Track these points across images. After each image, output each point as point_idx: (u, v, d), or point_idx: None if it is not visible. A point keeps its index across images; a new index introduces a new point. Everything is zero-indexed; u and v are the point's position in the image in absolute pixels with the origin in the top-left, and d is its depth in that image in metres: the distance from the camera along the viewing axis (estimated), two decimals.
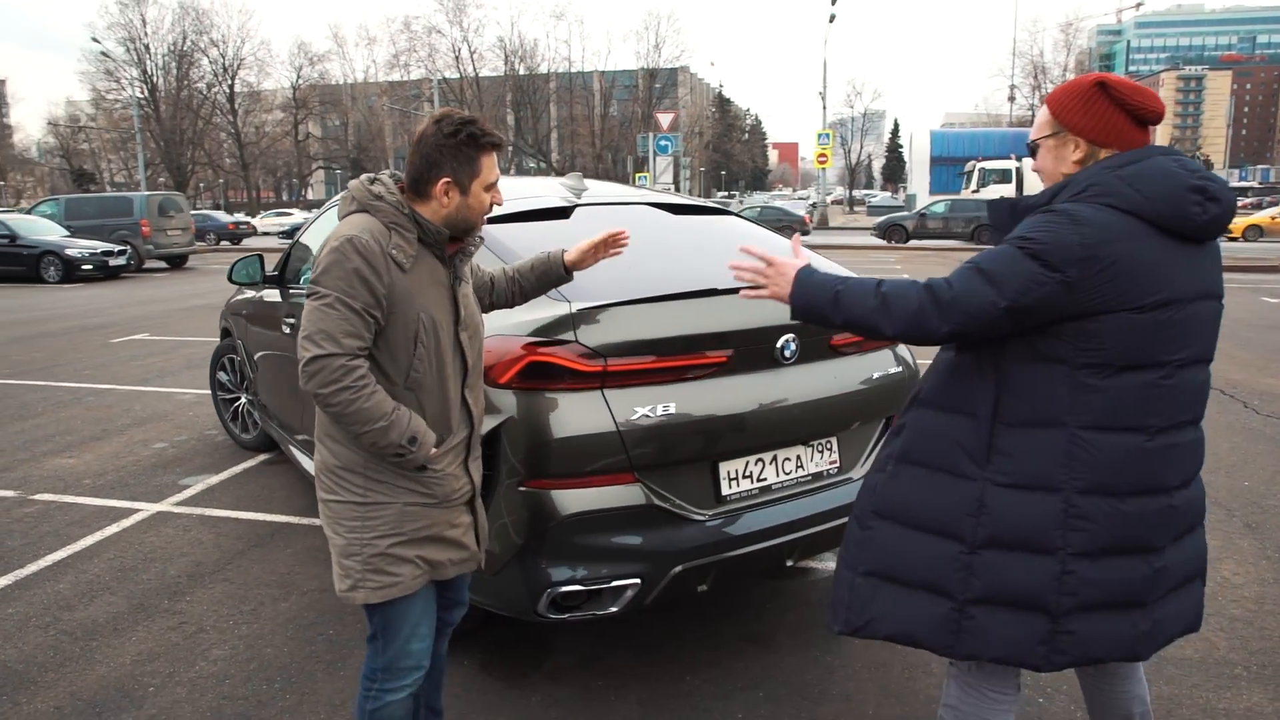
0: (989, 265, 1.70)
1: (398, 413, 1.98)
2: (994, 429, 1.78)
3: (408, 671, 2.19)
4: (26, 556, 4.25)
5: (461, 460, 2.20)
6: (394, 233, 2.00)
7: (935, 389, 1.92)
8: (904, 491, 1.91)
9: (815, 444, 3.07)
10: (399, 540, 2.07)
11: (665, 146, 29.95)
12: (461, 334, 2.15)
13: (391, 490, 2.07)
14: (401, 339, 2.01)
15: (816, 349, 3.02)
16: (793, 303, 1.89)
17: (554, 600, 2.69)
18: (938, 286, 1.73)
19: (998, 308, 1.67)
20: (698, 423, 2.74)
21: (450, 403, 2.13)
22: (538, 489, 2.64)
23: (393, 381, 2.03)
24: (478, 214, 2.08)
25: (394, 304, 1.98)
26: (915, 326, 1.74)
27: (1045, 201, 1.77)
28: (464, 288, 2.19)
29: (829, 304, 1.84)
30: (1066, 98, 1.83)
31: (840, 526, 3.08)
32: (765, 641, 3.33)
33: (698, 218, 3.79)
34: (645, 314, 2.73)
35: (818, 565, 3.98)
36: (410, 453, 2.00)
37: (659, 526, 2.73)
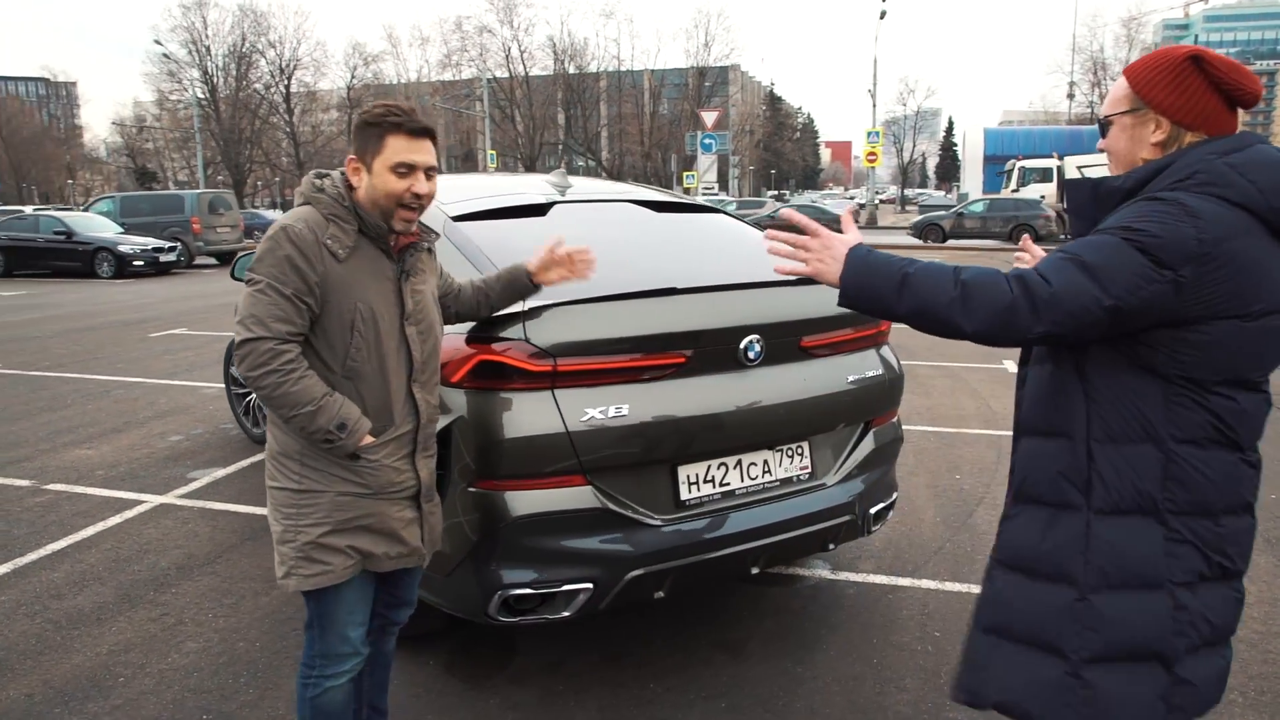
0: (1091, 257, 1.48)
1: (328, 399, 1.99)
2: (1090, 449, 1.60)
3: (345, 658, 2.20)
4: (29, 544, 4.35)
5: (406, 454, 2.19)
6: (332, 223, 2.04)
7: (1030, 412, 1.72)
8: (1018, 533, 1.71)
9: (784, 449, 2.98)
10: (330, 529, 2.08)
11: (709, 145, 29.78)
12: (409, 328, 2.15)
13: (326, 479, 2.08)
14: (337, 327, 2.04)
15: (784, 350, 2.94)
16: (843, 284, 1.61)
17: (505, 602, 2.65)
18: (1032, 280, 1.49)
19: (1101, 306, 1.46)
20: (653, 425, 2.68)
21: (393, 395, 2.13)
22: (488, 490, 2.60)
23: (331, 369, 2.06)
24: (385, 195, 2.04)
25: (328, 292, 2.02)
26: (1003, 325, 1.50)
27: (1134, 185, 1.58)
28: (415, 283, 2.19)
29: (892, 289, 1.56)
30: (1152, 71, 1.60)
31: (812, 534, 3.01)
32: (736, 649, 3.25)
33: (682, 216, 3.72)
34: (599, 313, 2.67)
35: (805, 572, 3.88)
36: (339, 439, 2.01)
37: (612, 530, 2.67)
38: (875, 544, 4.20)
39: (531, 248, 3.12)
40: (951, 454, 5.65)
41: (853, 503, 3.11)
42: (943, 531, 4.35)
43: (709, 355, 2.78)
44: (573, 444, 2.57)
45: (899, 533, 4.34)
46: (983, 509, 4.65)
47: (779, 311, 2.92)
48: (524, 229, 3.27)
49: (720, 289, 2.85)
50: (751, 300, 2.89)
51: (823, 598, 3.66)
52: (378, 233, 2.08)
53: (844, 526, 3.10)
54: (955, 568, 3.92)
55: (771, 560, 2.99)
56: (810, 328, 2.99)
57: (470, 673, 3.13)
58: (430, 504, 2.28)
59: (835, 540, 3.13)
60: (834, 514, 3.05)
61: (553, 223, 3.32)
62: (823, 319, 3.02)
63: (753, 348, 2.82)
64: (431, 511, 2.29)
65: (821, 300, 3.10)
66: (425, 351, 2.20)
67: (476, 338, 2.63)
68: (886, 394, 3.24)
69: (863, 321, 3.18)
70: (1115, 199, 1.61)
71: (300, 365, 1.99)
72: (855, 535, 3.22)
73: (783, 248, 1.71)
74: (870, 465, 3.21)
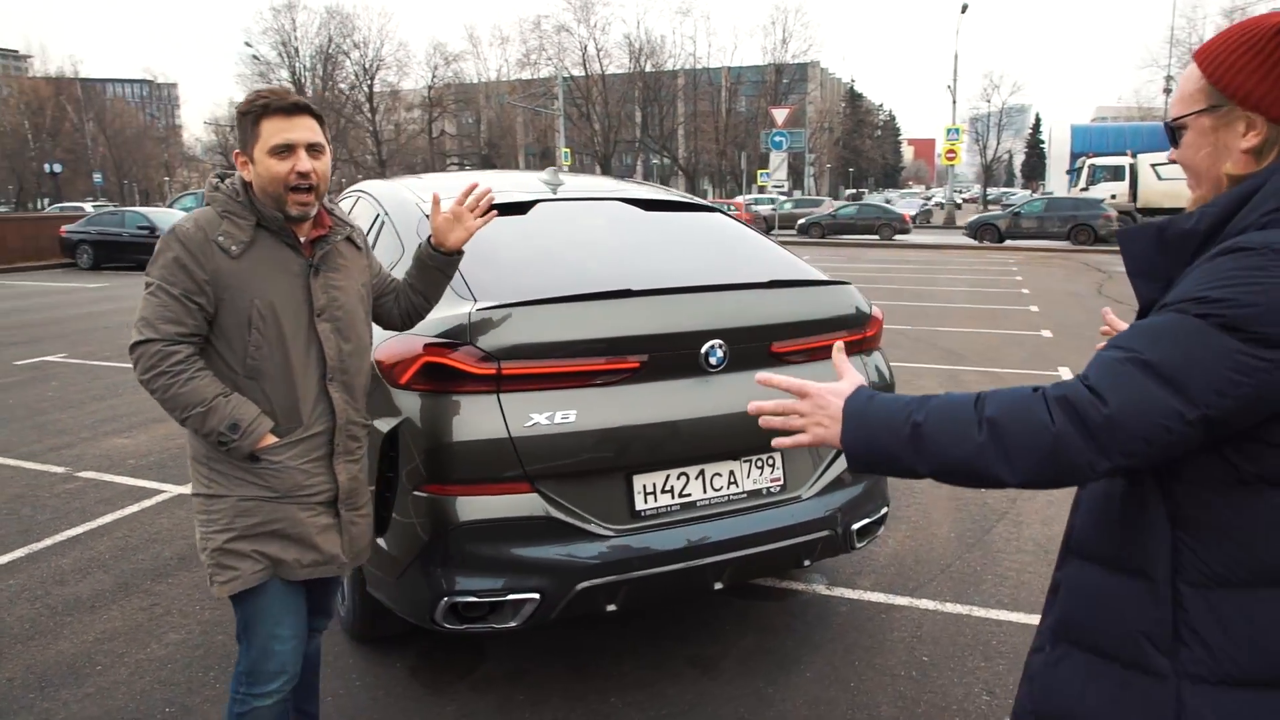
0: (1157, 353, 1.09)
1: (219, 400, 1.95)
2: (1177, 594, 1.18)
3: (273, 676, 2.13)
4: (47, 530, 4.49)
5: (319, 457, 2.11)
6: (225, 220, 2.00)
7: (1088, 531, 1.31)
8: (1068, 688, 1.30)
9: (753, 459, 2.85)
10: (236, 534, 2.03)
11: (779, 142, 29.41)
12: (320, 325, 2.07)
13: (229, 482, 2.04)
14: (234, 326, 1.99)
15: (752, 356, 2.80)
16: (847, 449, 1.28)
17: (454, 609, 2.59)
18: (1078, 399, 1.10)
19: (1184, 421, 1.07)
20: (604, 433, 2.58)
21: (301, 395, 2.06)
22: (432, 494, 2.55)
23: (233, 369, 2.01)
24: (271, 180, 1.98)
25: (221, 290, 1.97)
26: (1056, 467, 1.12)
27: (1212, 226, 1.18)
28: (332, 278, 2.11)
29: (903, 446, 1.21)
30: (1235, 52, 1.18)
31: (784, 549, 2.88)
32: (709, 666, 3.13)
33: (672, 215, 3.60)
34: (549, 315, 2.58)
35: (799, 587, 3.73)
36: (233, 441, 1.96)
37: (561, 540, 2.59)
38: (879, 559, 4.02)
39: (507, 246, 3.09)
40: None
41: (831, 517, 2.95)
42: (954, 548, 4.14)
43: (667, 360, 2.67)
44: (516, 450, 2.50)
45: (907, 548, 4.14)
46: (1003, 525, 4.41)
47: (745, 315, 2.79)
48: (502, 228, 3.20)
49: (680, 291, 2.74)
50: (715, 303, 2.77)
51: (811, 614, 3.51)
52: (278, 225, 2.02)
53: (821, 542, 2.95)
54: (959, 588, 3.72)
55: (738, 576, 2.86)
56: (781, 332, 2.85)
57: (434, 678, 3.09)
58: (353, 510, 2.19)
59: (811, 556, 2.98)
60: (809, 529, 2.90)
61: (533, 221, 3.25)
62: (796, 324, 2.88)
63: (715, 353, 2.70)
64: (354, 520, 2.20)
65: (794, 304, 2.97)
66: (344, 351, 2.12)
67: (424, 339, 2.57)
68: None
69: (844, 327, 3.03)
70: (1190, 246, 1.19)
71: (191, 366, 1.95)
72: (836, 551, 3.06)
73: (772, 418, 1.38)
74: (852, 479, 3.05)
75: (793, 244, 28.24)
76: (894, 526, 4.40)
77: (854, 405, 1.28)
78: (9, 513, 4.75)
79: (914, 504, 4.72)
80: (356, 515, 2.21)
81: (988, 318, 11.66)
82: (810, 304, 3.01)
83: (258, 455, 2.01)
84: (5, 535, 4.43)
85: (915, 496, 4.83)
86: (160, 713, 2.90)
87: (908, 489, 4.95)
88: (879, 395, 1.28)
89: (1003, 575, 3.83)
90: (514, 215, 3.27)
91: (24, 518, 4.68)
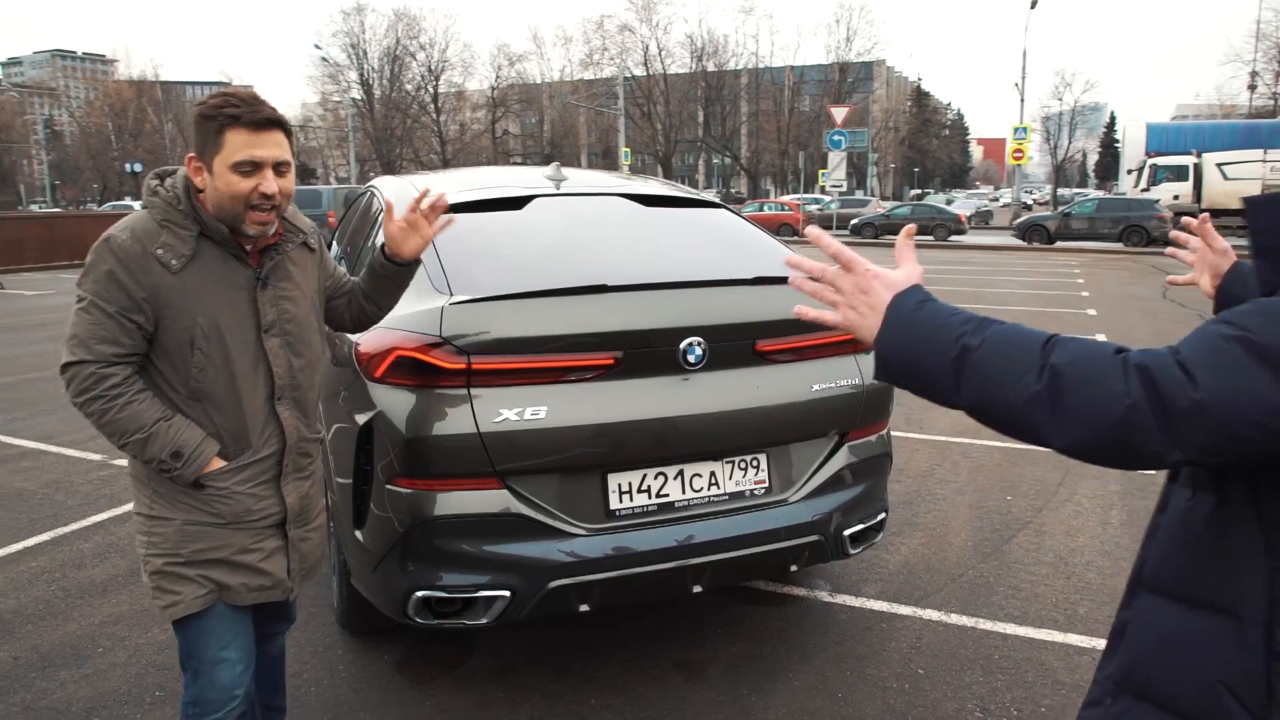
0: (1273, 337, 0.92)
1: (161, 425, 1.83)
2: (1272, 639, 1.00)
3: (219, 704, 1.99)
4: (75, 515, 4.63)
5: (268, 480, 1.98)
6: (165, 230, 1.84)
7: (1166, 561, 1.12)
8: None
9: (736, 461, 2.78)
10: (180, 560, 1.90)
11: (838, 142, 28.98)
12: (269, 341, 1.94)
13: (173, 506, 1.91)
14: (176, 345, 1.84)
15: (735, 355, 2.73)
16: (879, 350, 1.10)
17: (426, 604, 2.58)
18: (1164, 377, 0.94)
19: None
20: (575, 430, 2.54)
21: (248, 416, 1.92)
22: (402, 488, 2.54)
23: (176, 390, 1.88)
24: (230, 198, 1.81)
25: (162, 307, 1.82)
26: (1114, 446, 0.97)
27: None
28: (282, 290, 1.97)
29: (946, 369, 1.04)
30: None
31: (768, 553, 2.80)
32: (695, 671, 3.07)
33: (673, 211, 3.54)
34: (521, 310, 2.55)
35: (800, 592, 3.64)
36: (175, 468, 1.84)
37: (532, 538, 2.56)
38: (888, 566, 3.90)
39: (494, 241, 3.07)
40: (1011, 472, 5.21)
41: (820, 522, 2.86)
42: (969, 558, 4.00)
43: (643, 357, 2.61)
44: (485, 446, 2.47)
45: (919, 555, 4.01)
46: (1023, 535, 4.24)
47: (726, 313, 2.72)
48: (496, 223, 3.19)
49: (657, 287, 2.68)
50: (694, 300, 2.70)
51: (808, 621, 3.42)
52: (220, 236, 1.86)
53: (809, 548, 2.87)
54: (968, 599, 3.58)
55: (719, 579, 2.79)
56: (766, 330, 2.77)
57: (418, 672, 3.09)
58: (302, 529, 2.08)
59: (799, 562, 2.90)
60: (795, 533, 2.82)
61: (529, 216, 3.23)
62: (782, 321, 2.80)
63: (693, 351, 2.63)
64: (305, 537, 2.09)
65: (782, 301, 2.88)
66: (294, 367, 1.99)
67: (397, 332, 2.56)
68: (866, 405, 2.97)
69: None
70: None
71: (129, 389, 1.83)
72: (825, 558, 2.98)
73: (806, 282, 1.19)
74: (844, 482, 2.96)
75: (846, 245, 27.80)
76: (908, 533, 4.27)
77: (902, 304, 1.09)
78: (43, 498, 4.91)
79: (933, 510, 4.58)
80: (307, 532, 2.11)
81: (1040, 321, 11.29)
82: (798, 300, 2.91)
83: (202, 482, 1.88)
84: (36, 519, 4.58)
85: (935, 503, 4.68)
86: (150, 696, 2.95)
87: (929, 494, 4.81)
88: (933, 301, 1.09)
89: (1016, 587, 3.68)
90: (509, 210, 3.26)
91: (56, 503, 4.83)
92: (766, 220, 31.57)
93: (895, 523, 4.39)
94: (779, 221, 31.27)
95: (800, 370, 2.85)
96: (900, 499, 4.73)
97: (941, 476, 5.15)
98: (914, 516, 4.48)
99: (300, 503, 2.06)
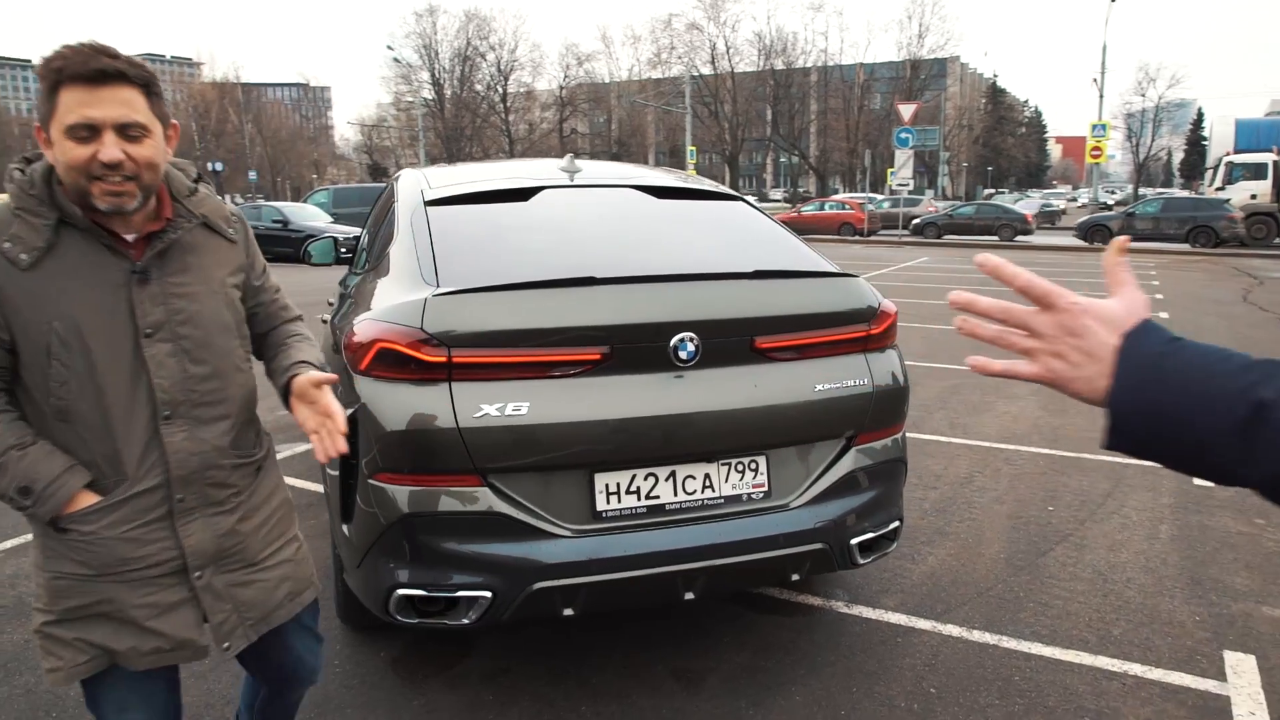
0: None
1: (11, 454, 1.54)
2: None
3: None
4: None
5: (156, 518, 1.63)
6: (17, 219, 1.54)
7: None
8: None
9: (732, 463, 2.65)
10: (54, 618, 1.63)
11: (905, 140, 28.32)
12: (151, 347, 1.59)
13: (46, 554, 1.63)
14: (34, 355, 1.55)
15: (731, 352, 2.61)
16: (1115, 414, 0.82)
17: (409, 602, 2.52)
18: None
19: None
20: (559, 427, 2.44)
21: (121, 440, 1.59)
22: (382, 483, 2.48)
23: (41, 410, 1.59)
24: (67, 169, 1.49)
25: (11, 312, 1.52)
26: None
27: None
28: (167, 285, 1.62)
29: (1230, 434, 0.76)
30: None
31: (767, 560, 2.67)
32: (693, 680, 2.95)
33: (686, 203, 3.43)
34: (504, 302, 2.47)
35: (815, 601, 3.49)
36: (26, 507, 1.55)
37: (514, 538, 2.47)
38: (911, 576, 3.71)
39: (491, 233, 3.01)
40: (1055, 481, 4.95)
41: (825, 529, 2.72)
42: (1000, 570, 3.79)
43: (632, 353, 2.51)
44: (464, 441, 2.40)
45: (946, 566, 3.82)
46: (1061, 549, 4.01)
47: (721, 308, 2.60)
48: (498, 215, 3.13)
49: (647, 280, 2.57)
50: (687, 293, 2.58)
51: (820, 632, 3.26)
52: (86, 224, 1.55)
53: (812, 556, 2.72)
54: (993, 615, 3.38)
55: (713, 587, 2.67)
56: (766, 327, 2.64)
57: (412, 670, 3.03)
58: (241, 571, 1.74)
59: (800, 571, 2.75)
60: (796, 541, 2.68)
61: (535, 208, 3.16)
62: (783, 317, 2.66)
63: (685, 347, 2.51)
64: (246, 581, 1.74)
65: (783, 296, 2.76)
66: (191, 376, 1.64)
67: (382, 324, 2.51)
68: (875, 407, 2.81)
69: (844, 322, 2.78)
70: None
71: None
72: (831, 567, 2.82)
73: (983, 327, 0.90)
74: (852, 488, 2.80)
75: (907, 244, 27.20)
76: (937, 542, 4.07)
77: (1140, 347, 0.82)
78: None
79: (967, 519, 4.37)
80: (250, 574, 1.75)
81: None
82: (802, 296, 2.77)
83: (62, 524, 1.58)
84: None
85: (970, 511, 4.47)
86: None
87: (965, 502, 4.59)
88: (1186, 341, 0.82)
89: (1047, 604, 3.47)
90: (515, 202, 3.19)
91: None
92: (826, 220, 31.05)
93: (925, 531, 4.19)
94: (839, 221, 30.71)
95: (803, 369, 2.71)
96: (933, 506, 4.53)
97: (980, 484, 4.91)
98: (945, 525, 4.28)
99: (220, 543, 1.70)
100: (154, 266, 1.61)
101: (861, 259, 21.02)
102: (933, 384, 7.43)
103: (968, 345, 9.33)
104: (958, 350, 9.10)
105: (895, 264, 19.80)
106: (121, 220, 1.57)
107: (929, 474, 5.07)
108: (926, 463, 5.27)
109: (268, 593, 1.80)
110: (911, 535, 4.12)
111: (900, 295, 13.69)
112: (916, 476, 5.00)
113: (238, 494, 1.75)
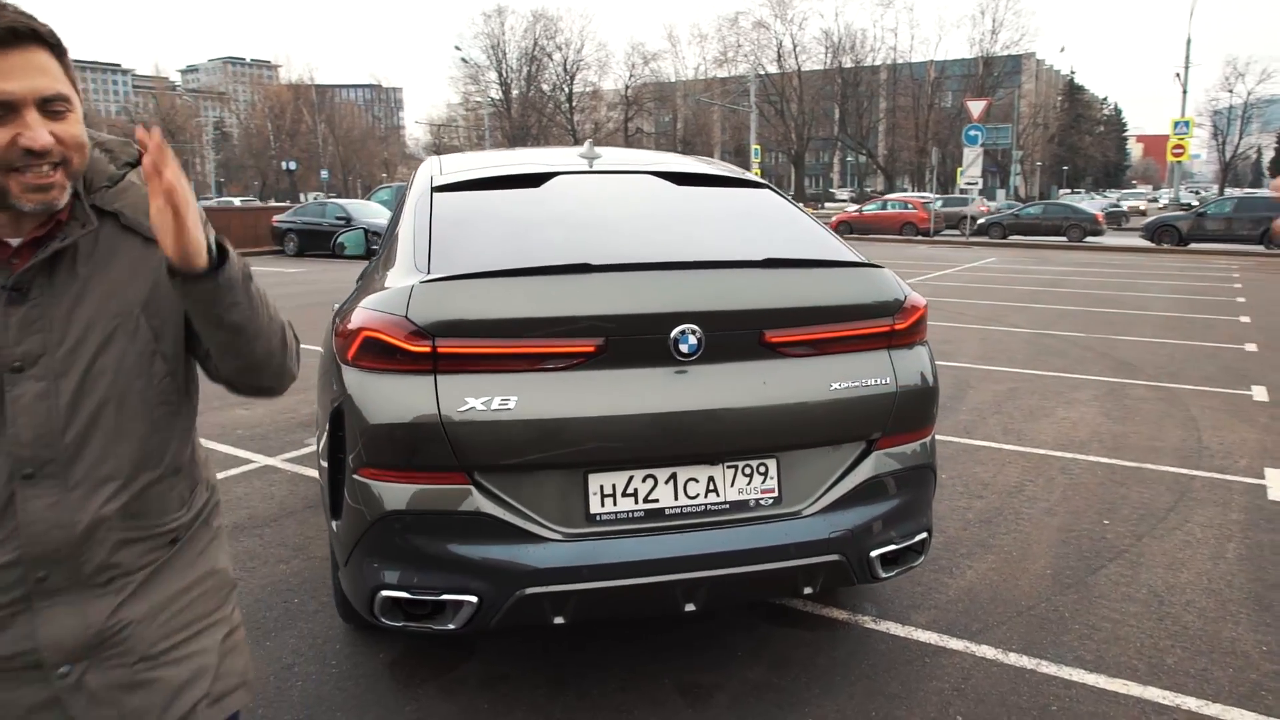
0: None
1: None
2: None
3: None
4: None
5: (14, 599, 1.23)
6: None
7: None
8: None
9: (740, 465, 2.47)
10: None
11: (974, 138, 27.55)
12: (12, 388, 1.20)
13: None
14: None
15: (739, 346, 2.42)
16: None
17: (395, 604, 2.40)
18: None
19: None
20: (549, 423, 2.29)
21: None
22: (366, 479, 2.36)
23: None
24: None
25: None
26: None
27: None
28: (43, 310, 1.22)
29: None
30: None
31: (776, 572, 2.48)
32: (700, 696, 2.77)
33: (705, 190, 3.25)
34: (493, 290, 2.33)
35: (840, 615, 3.27)
36: None
37: (502, 540, 2.33)
38: (949, 591, 3.47)
39: (495, 220, 2.87)
40: (1114, 493, 4.62)
41: (840, 540, 2.52)
42: (1046, 587, 3.51)
43: (629, 346, 2.34)
44: (448, 436, 2.26)
45: (986, 581, 3.56)
46: (1115, 566, 3.71)
47: (727, 298, 2.41)
48: (505, 201, 3.00)
49: (647, 268, 2.40)
50: (689, 283, 2.41)
51: (842, 649, 3.05)
52: None
53: (826, 568, 2.52)
54: (1033, 636, 3.13)
55: (715, 598, 2.49)
56: (776, 319, 2.45)
57: (409, 674, 2.92)
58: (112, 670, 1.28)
59: (814, 584, 2.55)
60: (809, 551, 2.49)
61: (546, 195, 3.02)
62: (796, 309, 2.47)
63: (686, 339, 2.34)
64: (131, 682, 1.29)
65: (796, 287, 2.56)
66: (72, 421, 1.24)
67: (369, 312, 2.39)
68: (899, 408, 2.60)
69: (865, 315, 2.58)
70: None
71: None
72: (849, 580, 2.62)
73: None
74: (873, 496, 2.59)
75: (972, 244, 26.42)
76: (979, 555, 3.81)
77: None
78: None
79: (1013, 531, 4.09)
80: (147, 671, 1.31)
81: (1183, 327, 10.26)
82: (818, 287, 2.57)
83: None
84: None
85: (1018, 523, 4.19)
86: None
87: (1013, 513, 4.31)
88: None
89: (1094, 626, 3.19)
90: (526, 188, 3.06)
91: None
92: (888, 219, 30.35)
93: (965, 543, 3.94)
94: (901, 221, 29.98)
95: (818, 365, 2.51)
96: (977, 517, 4.26)
97: (1031, 494, 4.61)
98: (989, 538, 4.01)
99: (94, 632, 1.27)
100: (35, 283, 1.22)
101: (925, 260, 20.47)
102: (988, 387, 7.09)
103: (1025, 348, 8.92)
104: (1016, 353, 8.71)
105: (959, 264, 19.22)
106: (11, 220, 1.20)
107: (975, 481, 4.78)
108: (974, 470, 4.98)
109: (168, 697, 1.34)
110: (950, 547, 3.87)
111: (960, 296, 13.24)
112: (961, 484, 4.73)
113: (141, 571, 1.32)
